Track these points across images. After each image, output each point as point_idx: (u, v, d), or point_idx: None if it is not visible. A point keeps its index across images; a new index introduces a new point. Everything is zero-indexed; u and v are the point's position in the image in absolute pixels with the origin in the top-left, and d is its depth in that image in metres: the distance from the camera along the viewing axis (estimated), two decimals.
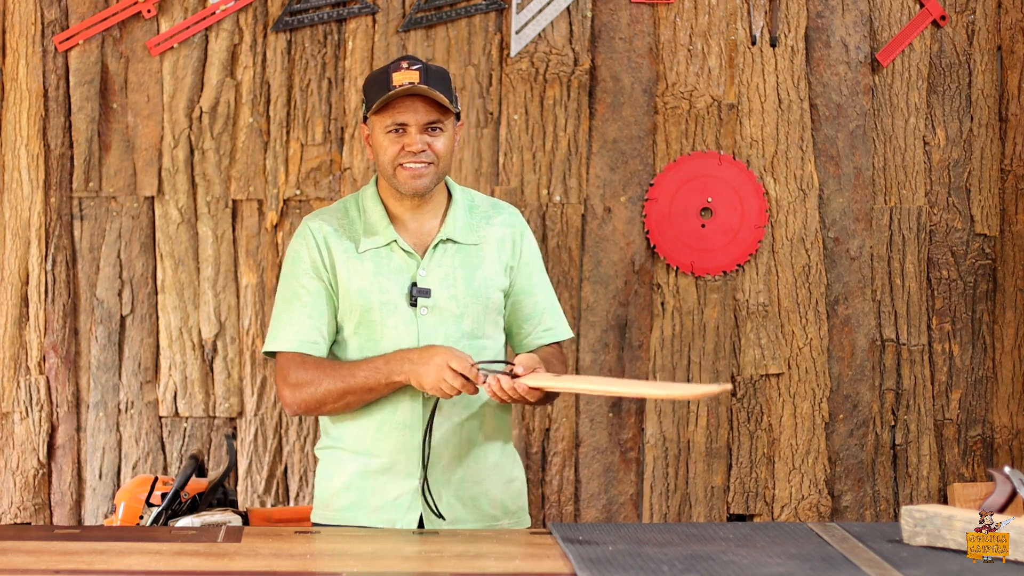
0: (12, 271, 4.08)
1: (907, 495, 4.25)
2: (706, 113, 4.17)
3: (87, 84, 4.06)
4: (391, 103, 2.92)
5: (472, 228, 3.03)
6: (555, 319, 3.11)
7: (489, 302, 3.00)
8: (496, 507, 3.02)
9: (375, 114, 2.94)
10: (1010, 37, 4.24)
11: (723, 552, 2.58)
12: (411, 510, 2.95)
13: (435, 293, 2.95)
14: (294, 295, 2.99)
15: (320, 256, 2.98)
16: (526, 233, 3.10)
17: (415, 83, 2.89)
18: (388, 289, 2.95)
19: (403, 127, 2.92)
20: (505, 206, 3.12)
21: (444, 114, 2.94)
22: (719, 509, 4.21)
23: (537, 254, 3.12)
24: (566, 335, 3.12)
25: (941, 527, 2.60)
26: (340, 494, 3.00)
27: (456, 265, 2.98)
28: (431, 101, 2.92)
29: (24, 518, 4.09)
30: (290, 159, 4.11)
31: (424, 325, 2.95)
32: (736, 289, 4.20)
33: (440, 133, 2.94)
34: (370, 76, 3.00)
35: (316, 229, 3.00)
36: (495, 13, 4.14)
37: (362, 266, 2.97)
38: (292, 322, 2.97)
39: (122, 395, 4.11)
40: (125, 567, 2.48)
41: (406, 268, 2.97)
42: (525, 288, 3.07)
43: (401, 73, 2.92)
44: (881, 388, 4.25)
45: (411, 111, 2.92)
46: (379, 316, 2.95)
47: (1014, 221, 4.26)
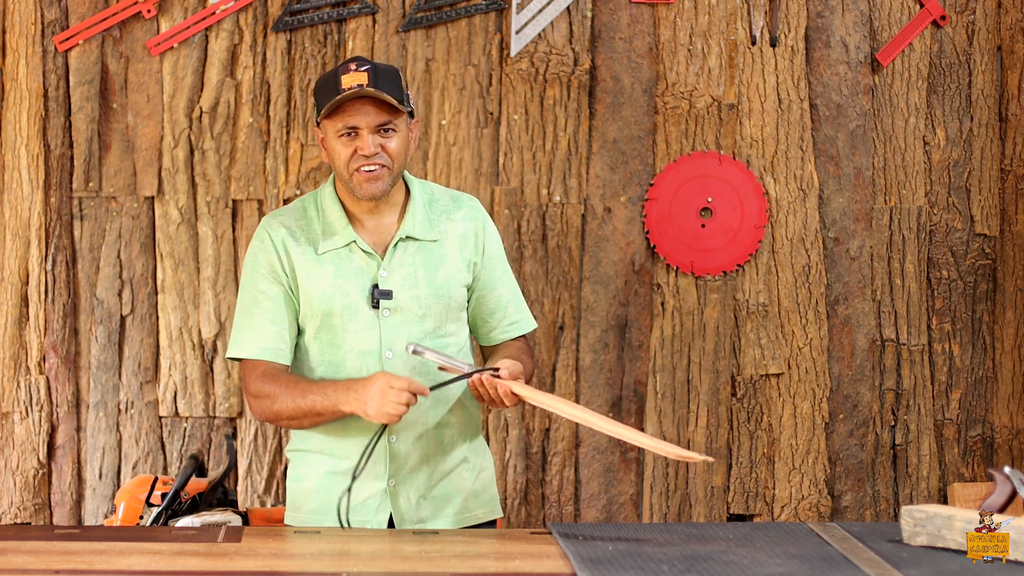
0: (12, 271, 4.08)
1: (907, 495, 4.25)
2: (706, 113, 4.17)
3: (87, 84, 4.06)
4: (341, 107, 2.89)
5: (432, 223, 3.00)
6: (519, 312, 3.10)
7: (452, 300, 2.98)
8: (469, 499, 3.03)
9: (326, 118, 2.91)
10: (1010, 37, 4.24)
11: (723, 552, 2.58)
12: (380, 511, 2.96)
13: (397, 294, 2.93)
14: (254, 301, 2.97)
15: (279, 259, 2.95)
16: (488, 226, 3.06)
17: (364, 85, 2.86)
18: (349, 292, 2.93)
19: (355, 130, 2.89)
20: (466, 199, 3.08)
21: (395, 114, 2.91)
22: (719, 509, 4.21)
23: (499, 246, 3.09)
24: (530, 327, 3.12)
25: (941, 527, 2.60)
26: (310, 496, 2.99)
27: (417, 264, 2.96)
28: (381, 102, 2.89)
29: (24, 518, 4.09)
30: (290, 159, 4.11)
31: (386, 327, 2.93)
32: (736, 289, 4.20)
33: (393, 134, 2.91)
34: (320, 79, 2.97)
35: (274, 232, 2.97)
36: (495, 13, 4.14)
37: (322, 268, 2.94)
38: (253, 328, 2.96)
39: (122, 395, 4.11)
40: (125, 567, 2.48)
41: (366, 269, 2.95)
42: (488, 282, 3.05)
43: (350, 75, 2.88)
44: (881, 388, 4.25)
45: (361, 114, 2.88)
46: (340, 320, 2.93)
47: (1014, 221, 4.26)
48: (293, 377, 2.95)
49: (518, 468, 4.16)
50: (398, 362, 2.94)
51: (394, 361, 2.94)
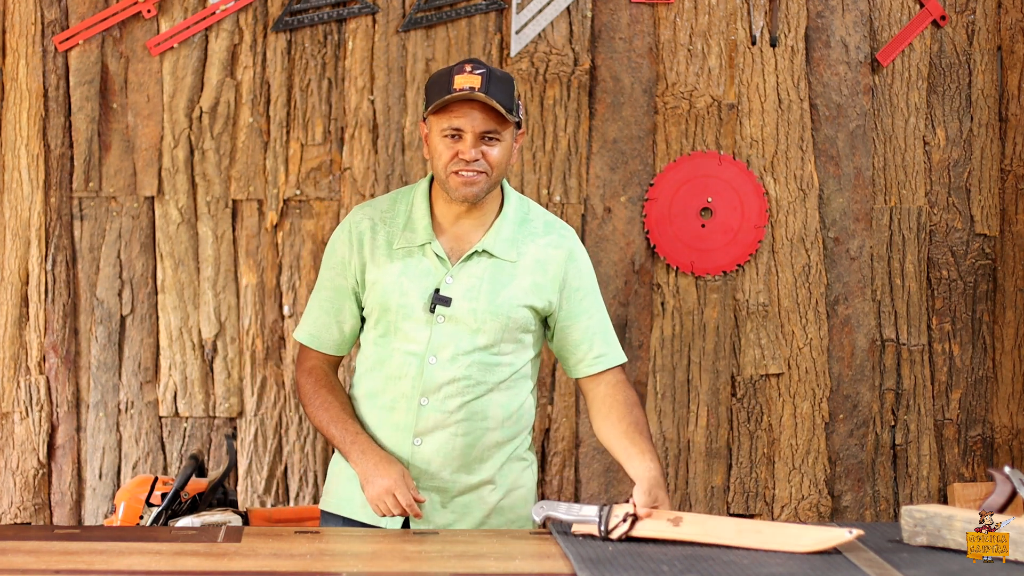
0: (12, 271, 4.08)
1: (907, 495, 4.25)
2: (706, 113, 4.17)
3: (87, 84, 4.06)
4: (449, 107, 2.85)
5: (514, 243, 2.96)
6: (606, 345, 3.04)
7: (510, 320, 2.94)
8: (491, 515, 2.99)
9: (433, 115, 2.88)
10: (1010, 37, 4.24)
11: (723, 552, 2.58)
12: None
13: (456, 303, 2.91)
14: (319, 288, 3.04)
15: (351, 254, 2.97)
16: (576, 255, 3.01)
17: (475, 89, 2.82)
18: (408, 291, 2.92)
19: (459, 133, 2.86)
20: (559, 226, 3.03)
21: (502, 123, 2.87)
22: (719, 509, 4.21)
23: (589, 279, 3.04)
24: (618, 360, 3.05)
25: (941, 527, 2.60)
26: (342, 484, 3.02)
27: (484, 279, 2.93)
28: (490, 109, 2.85)
29: (24, 518, 4.09)
30: (290, 159, 4.11)
31: (437, 333, 2.92)
32: (736, 289, 4.20)
33: (496, 142, 2.87)
34: (434, 75, 2.94)
35: (356, 225, 2.99)
36: (495, 13, 4.14)
37: (391, 265, 2.94)
38: (311, 314, 3.05)
39: (122, 395, 4.11)
40: (125, 567, 2.48)
41: (434, 273, 2.93)
42: (573, 313, 3.00)
43: (463, 76, 2.84)
44: (881, 388, 4.25)
45: (468, 118, 2.85)
46: (395, 317, 2.93)
47: (1014, 221, 4.26)
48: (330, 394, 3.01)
49: None
50: (439, 369, 2.92)
51: (435, 367, 2.92)
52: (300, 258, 4.11)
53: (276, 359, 4.11)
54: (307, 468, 4.13)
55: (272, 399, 4.12)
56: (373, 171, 4.11)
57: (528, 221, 3.00)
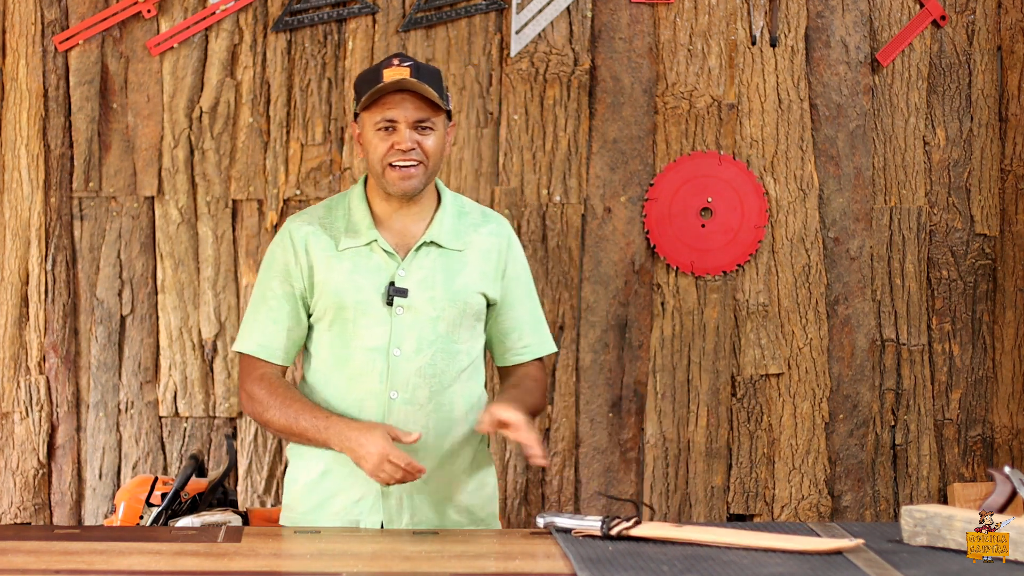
0: (12, 271, 4.08)
1: (907, 495, 4.25)
2: (706, 113, 4.17)
3: (87, 84, 4.06)
4: (381, 100, 2.90)
5: (458, 234, 3.00)
6: (536, 334, 3.08)
7: (467, 307, 2.97)
8: (462, 514, 3.01)
9: (365, 110, 2.93)
10: (1010, 37, 4.24)
11: (723, 552, 2.58)
12: (374, 512, 2.95)
13: (412, 294, 2.93)
14: (262, 298, 3.00)
15: (295, 259, 2.97)
16: (513, 245, 3.06)
17: (406, 78, 2.88)
18: (363, 288, 2.93)
19: (392, 124, 2.90)
20: (495, 216, 3.09)
21: (435, 112, 2.92)
22: (719, 509, 4.21)
23: (524, 267, 3.09)
24: (546, 350, 3.09)
25: (941, 527, 2.60)
26: (304, 497, 2.99)
27: (437, 268, 2.96)
28: (422, 99, 2.90)
29: (24, 518, 4.09)
30: (290, 159, 4.11)
31: (397, 325, 2.93)
32: (736, 289, 4.20)
33: (430, 132, 2.92)
34: (362, 73, 2.99)
35: (296, 231, 2.99)
36: (495, 13, 4.14)
37: (340, 264, 2.95)
38: (256, 324, 3.00)
39: (122, 395, 4.11)
40: (125, 567, 2.48)
41: (385, 268, 2.95)
42: (507, 301, 3.04)
43: (392, 70, 2.89)
44: (881, 388, 4.25)
45: (400, 108, 2.89)
46: (352, 315, 2.93)
47: (1014, 221, 4.26)
48: (289, 391, 2.96)
49: (518, 468, 4.16)
50: (404, 361, 2.93)
51: (401, 360, 2.93)
52: None
53: None
54: None
55: None
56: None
57: (465, 213, 3.04)
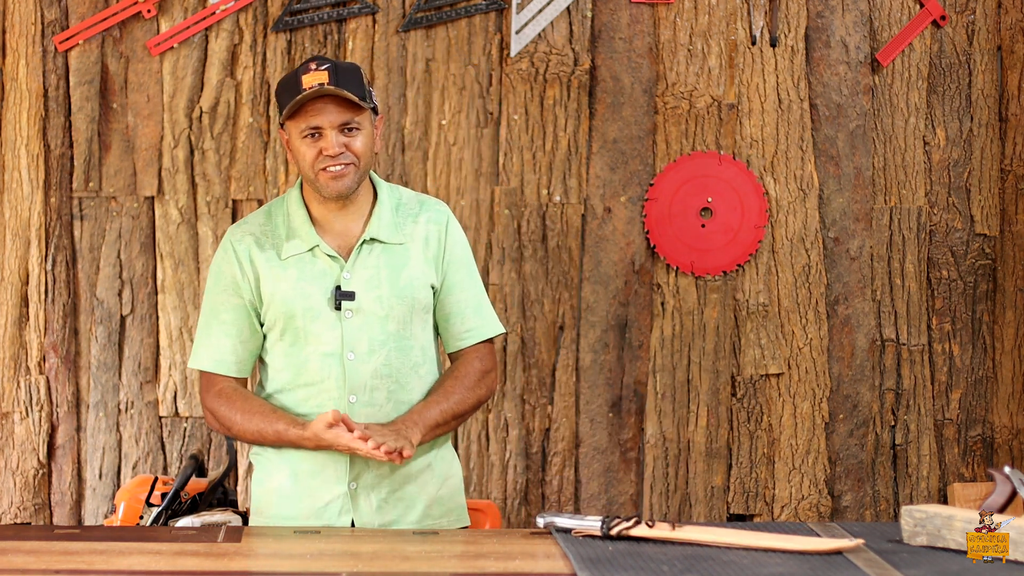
0: (12, 271, 4.08)
1: (907, 495, 4.25)
2: (706, 113, 4.17)
3: (87, 84, 4.06)
4: (303, 107, 2.88)
5: (397, 227, 2.98)
6: (479, 317, 3.05)
7: (415, 302, 2.96)
8: (432, 506, 3.01)
9: (289, 120, 2.91)
10: (1010, 37, 4.24)
11: (723, 552, 2.58)
12: (343, 513, 2.95)
13: (359, 295, 2.92)
14: (213, 313, 2.99)
15: (240, 271, 2.96)
16: (451, 228, 3.03)
17: (324, 84, 2.85)
18: (311, 295, 2.92)
19: (318, 131, 2.88)
20: (432, 202, 3.06)
21: (358, 112, 2.90)
22: (719, 509, 4.21)
23: (464, 250, 3.06)
24: (492, 332, 3.06)
25: (941, 527, 2.60)
26: (273, 500, 2.99)
27: (381, 266, 2.95)
28: (344, 101, 2.87)
29: (24, 518, 4.09)
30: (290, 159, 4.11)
31: (348, 328, 2.92)
32: (736, 289, 4.20)
33: (357, 132, 2.90)
34: (281, 80, 2.96)
35: (238, 242, 2.97)
36: (495, 13, 4.14)
37: (285, 273, 2.94)
38: (209, 340, 2.99)
39: (122, 395, 4.11)
40: (125, 567, 2.48)
41: (330, 272, 2.94)
42: (448, 286, 3.02)
43: (310, 75, 2.87)
44: (881, 388, 4.25)
45: (323, 114, 2.87)
46: (302, 322, 2.93)
47: (1014, 221, 4.26)
48: (247, 401, 2.96)
49: (518, 468, 4.16)
50: (359, 364, 2.93)
51: (355, 363, 2.93)
52: None
53: None
54: None
55: None
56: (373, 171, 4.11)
57: (403, 204, 3.03)
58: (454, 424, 3.02)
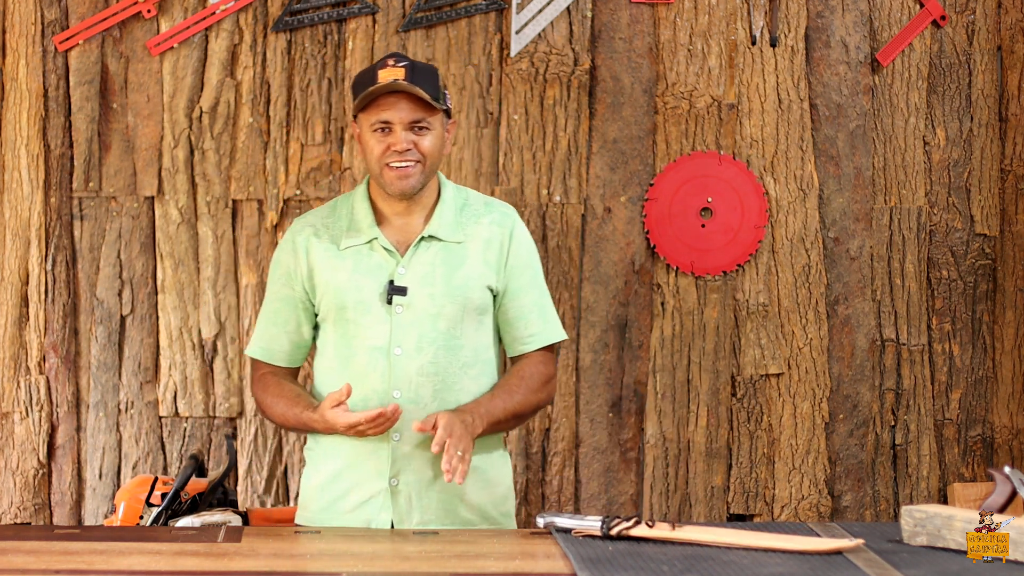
0: (12, 271, 4.08)
1: (907, 495, 4.25)
2: (706, 113, 4.17)
3: (87, 84, 4.06)
4: (376, 101, 2.91)
5: (459, 226, 2.99)
6: (543, 322, 3.05)
7: (468, 302, 2.96)
8: (474, 512, 2.99)
9: (361, 112, 2.94)
10: (1010, 37, 4.24)
11: (723, 552, 2.58)
12: (383, 510, 2.95)
13: (412, 292, 2.93)
14: (267, 302, 3.06)
15: (296, 262, 3.00)
16: (517, 233, 3.04)
17: (399, 80, 2.88)
18: (363, 287, 2.94)
19: (388, 126, 2.91)
20: (499, 205, 3.08)
21: (430, 112, 2.92)
22: (719, 509, 4.21)
23: (530, 255, 3.06)
24: (554, 338, 3.06)
25: (941, 527, 2.60)
26: (316, 495, 3.01)
27: (437, 263, 2.96)
28: (417, 99, 2.90)
29: (24, 518, 4.09)
30: (290, 159, 4.12)
31: (398, 324, 2.93)
32: (736, 289, 4.20)
33: (427, 132, 2.92)
34: (358, 74, 3.00)
35: (298, 233, 3.02)
36: (495, 13, 4.14)
37: (342, 264, 2.97)
38: (260, 328, 3.06)
39: (122, 395, 4.11)
40: (125, 567, 2.48)
41: (385, 266, 2.96)
42: (511, 290, 3.02)
43: (387, 70, 2.90)
44: (881, 388, 4.25)
45: (395, 109, 2.90)
46: (353, 315, 2.94)
47: (1014, 221, 4.26)
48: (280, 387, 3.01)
49: (518, 468, 4.16)
50: (406, 360, 2.93)
51: (402, 358, 2.93)
52: None
53: None
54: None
55: None
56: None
57: (468, 205, 3.04)
58: (512, 424, 3.02)
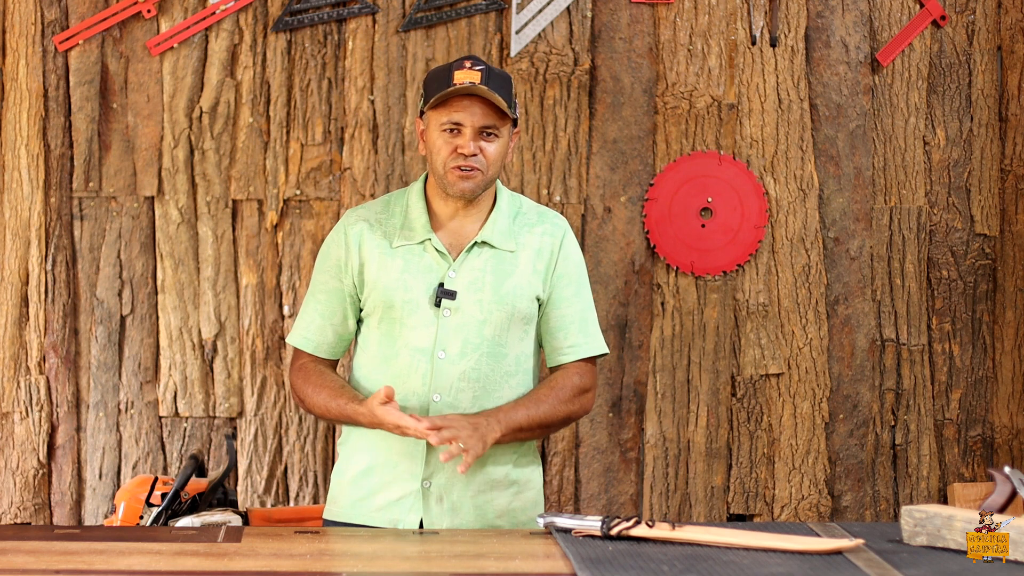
0: (12, 271, 4.08)
1: (907, 495, 4.25)
2: (706, 113, 4.17)
3: (87, 84, 4.07)
4: (449, 101, 2.88)
5: (512, 234, 2.97)
6: (583, 335, 3.02)
7: (515, 311, 2.94)
8: (502, 517, 2.98)
9: (432, 110, 2.90)
10: (1010, 37, 4.24)
11: (723, 552, 2.58)
12: (413, 511, 2.94)
13: (461, 296, 2.91)
14: (313, 291, 3.04)
15: (347, 255, 2.97)
16: (566, 243, 3.02)
17: (475, 83, 2.85)
18: (412, 288, 2.92)
19: (458, 127, 2.88)
20: (551, 215, 3.05)
21: (501, 119, 2.89)
22: (719, 509, 4.21)
23: (576, 266, 3.04)
24: (595, 351, 3.03)
25: (941, 527, 2.60)
26: (348, 490, 3.00)
27: (487, 270, 2.94)
28: (489, 104, 2.87)
29: (24, 518, 4.09)
30: (290, 159, 4.12)
31: (444, 327, 2.92)
32: (736, 289, 4.20)
33: (495, 139, 2.90)
34: (432, 71, 2.97)
35: (351, 226, 2.99)
36: (495, 13, 4.14)
37: (392, 262, 2.94)
38: (305, 318, 3.03)
39: (122, 395, 4.11)
40: (125, 567, 2.48)
41: (436, 268, 2.94)
42: (554, 299, 3.00)
43: (463, 72, 2.87)
44: (881, 388, 4.25)
45: (468, 112, 2.87)
46: (400, 314, 2.93)
47: (1014, 221, 4.26)
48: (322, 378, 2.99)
49: None
50: (449, 364, 2.91)
51: (445, 362, 2.91)
52: (300, 258, 4.11)
53: (276, 359, 4.11)
54: (307, 468, 4.13)
55: (272, 399, 4.12)
56: (373, 171, 4.11)
57: (522, 214, 3.03)
58: (539, 433, 2.99)
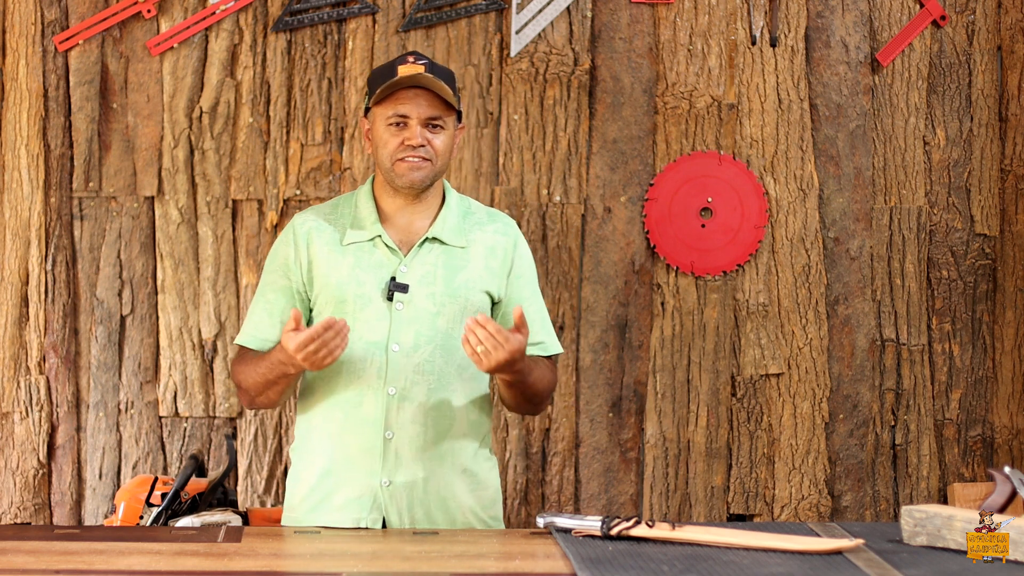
0: (12, 271, 4.08)
1: (907, 495, 4.25)
2: (706, 113, 4.17)
3: (87, 84, 4.07)
4: (394, 94, 2.93)
5: (462, 231, 3.02)
6: (546, 332, 3.09)
7: (468, 303, 2.98)
8: (467, 513, 3.00)
9: (377, 104, 2.96)
10: (1010, 37, 4.24)
11: (723, 552, 2.59)
12: (374, 509, 2.95)
13: (413, 290, 2.95)
14: (261, 291, 3.05)
15: (295, 253, 3.00)
16: (520, 244, 3.08)
17: (421, 74, 2.91)
18: (364, 282, 2.95)
19: (404, 120, 2.94)
20: (502, 216, 3.11)
21: (446, 111, 2.95)
22: (719, 509, 4.21)
23: (530, 268, 3.10)
24: (554, 350, 3.10)
25: (941, 527, 2.60)
26: (306, 497, 3.00)
27: (439, 264, 2.98)
28: (434, 96, 2.93)
29: (24, 518, 4.09)
30: (290, 159, 4.12)
31: (397, 320, 2.94)
32: (736, 289, 4.20)
33: (440, 131, 2.96)
34: (375, 69, 3.03)
35: (300, 226, 3.03)
36: (495, 13, 4.14)
37: (343, 259, 2.98)
38: (253, 318, 3.04)
39: (122, 395, 4.11)
40: (125, 567, 2.48)
41: (387, 263, 2.97)
42: (514, 300, 3.05)
43: (407, 66, 2.94)
44: (881, 388, 4.25)
45: (413, 104, 2.93)
46: (352, 308, 2.95)
47: (1014, 221, 4.26)
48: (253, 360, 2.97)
49: (518, 468, 4.16)
50: (403, 357, 2.94)
51: (399, 355, 2.94)
52: None
53: None
54: None
55: None
56: (373, 171, 4.11)
57: (471, 213, 3.07)
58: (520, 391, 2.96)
